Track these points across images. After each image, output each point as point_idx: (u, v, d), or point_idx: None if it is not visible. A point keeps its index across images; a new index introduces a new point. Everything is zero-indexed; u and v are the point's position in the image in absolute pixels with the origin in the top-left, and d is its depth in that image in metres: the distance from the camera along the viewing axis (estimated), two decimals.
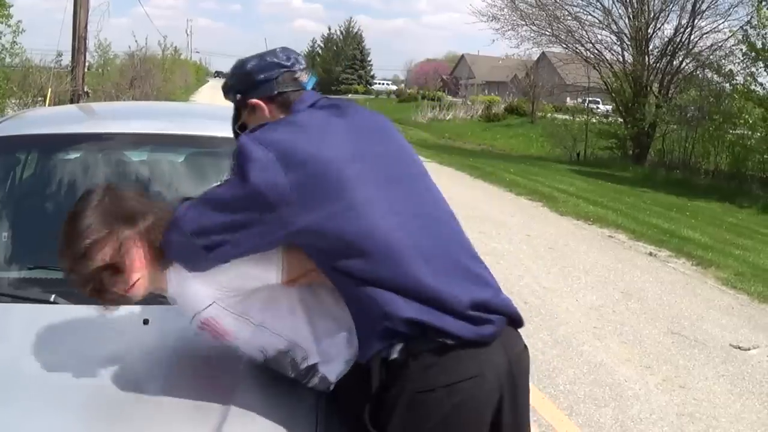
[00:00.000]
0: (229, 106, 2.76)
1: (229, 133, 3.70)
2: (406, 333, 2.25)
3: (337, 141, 2.36)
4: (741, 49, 23.42)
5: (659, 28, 29.89)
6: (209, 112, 5.73)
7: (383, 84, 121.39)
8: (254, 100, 2.58)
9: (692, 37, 28.64)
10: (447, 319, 2.25)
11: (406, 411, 2.26)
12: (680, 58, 29.12)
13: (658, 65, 29.57)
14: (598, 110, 37.77)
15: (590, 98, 38.32)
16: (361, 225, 2.26)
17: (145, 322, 2.80)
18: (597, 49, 31.18)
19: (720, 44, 27.64)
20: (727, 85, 24.15)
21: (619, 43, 30.77)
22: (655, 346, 7.32)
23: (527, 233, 12.70)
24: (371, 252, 2.27)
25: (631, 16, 29.78)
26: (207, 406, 2.37)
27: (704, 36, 28.61)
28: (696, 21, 28.33)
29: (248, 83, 2.61)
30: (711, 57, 27.41)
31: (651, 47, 29.89)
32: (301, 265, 2.41)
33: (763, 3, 21.44)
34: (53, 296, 2.94)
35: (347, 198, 2.26)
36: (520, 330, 2.54)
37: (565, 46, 32.36)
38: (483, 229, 12.60)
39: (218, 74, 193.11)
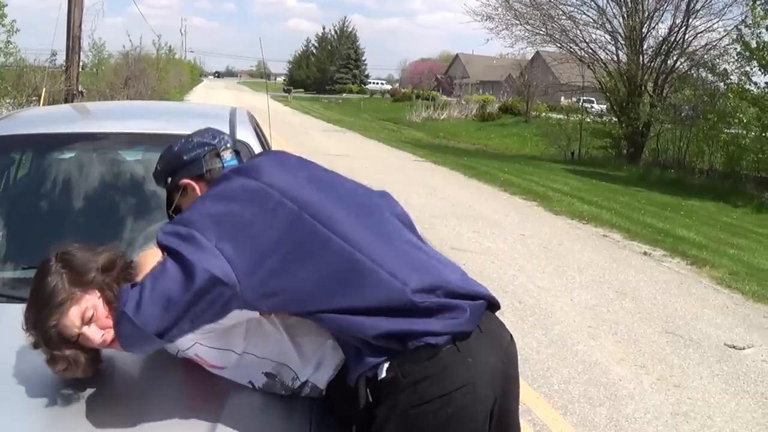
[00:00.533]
0: (223, 106, 2.77)
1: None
2: (386, 349, 2.27)
3: (252, 197, 2.36)
4: (735, 49, 23.42)
5: (653, 28, 29.91)
6: (204, 112, 5.72)
7: (378, 83, 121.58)
8: (185, 180, 2.65)
9: (686, 36, 28.66)
10: (415, 321, 2.27)
11: (400, 426, 2.27)
12: (674, 58, 29.13)
13: (652, 64, 29.57)
14: (593, 109, 37.72)
15: (584, 97, 38.32)
16: (299, 268, 2.28)
17: None
18: (591, 49, 31.18)
19: (714, 43, 27.65)
20: (722, 84, 24.13)
21: (613, 42, 30.80)
22: (649, 346, 7.33)
23: (522, 233, 12.70)
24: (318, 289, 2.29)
25: (625, 16, 29.78)
26: (201, 407, 2.38)
27: (698, 35, 28.63)
28: (690, 20, 28.35)
29: (177, 164, 2.69)
30: (705, 56, 27.41)
31: (645, 46, 29.89)
32: None
33: (758, 2, 21.45)
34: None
35: (281, 245, 2.28)
36: (509, 327, 2.57)
37: (559, 45, 32.34)
38: (477, 228, 12.61)
39: (218, 74, 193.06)
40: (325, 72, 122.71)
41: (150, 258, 2.40)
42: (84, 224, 3.68)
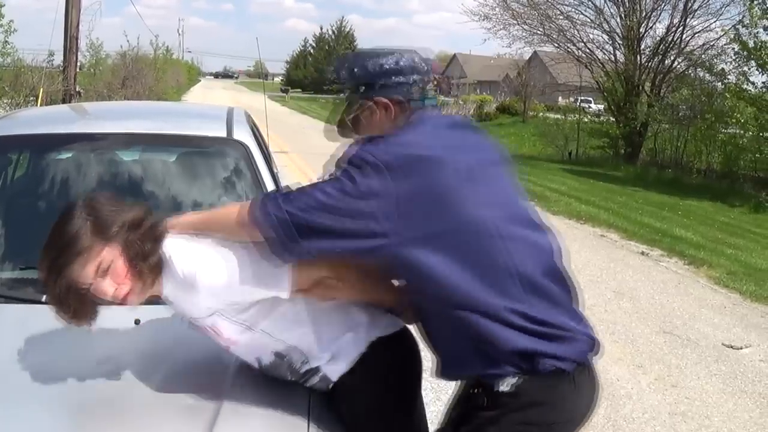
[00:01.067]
0: (220, 106, 2.74)
1: (218, 133, 3.71)
2: (515, 363, 2.28)
3: (450, 163, 2.32)
4: (733, 48, 23.40)
5: (651, 27, 29.86)
6: (201, 112, 5.72)
7: None
8: (383, 100, 2.49)
9: (684, 36, 28.61)
10: (547, 344, 2.30)
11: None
12: (672, 57, 29.10)
13: (650, 64, 29.54)
14: (590, 109, 37.69)
15: (582, 97, 38.32)
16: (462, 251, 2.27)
17: (137, 322, 2.80)
18: (589, 49, 31.11)
19: (712, 43, 27.63)
20: (719, 84, 24.12)
21: (610, 42, 30.75)
22: (647, 346, 7.33)
23: None
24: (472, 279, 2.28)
25: (622, 15, 29.75)
26: (199, 405, 2.38)
27: (696, 35, 28.58)
28: (688, 20, 28.31)
29: (380, 79, 2.50)
30: (703, 56, 27.39)
31: (643, 46, 29.85)
32: (311, 278, 2.41)
33: (755, 2, 21.44)
34: (45, 296, 2.94)
35: (452, 221, 2.26)
36: None
37: (556, 45, 32.29)
38: None
39: (218, 75, 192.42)
40: (323, 72, 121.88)
41: (230, 211, 2.39)
42: None
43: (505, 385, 2.29)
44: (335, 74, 2.59)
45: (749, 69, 22.32)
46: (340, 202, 2.20)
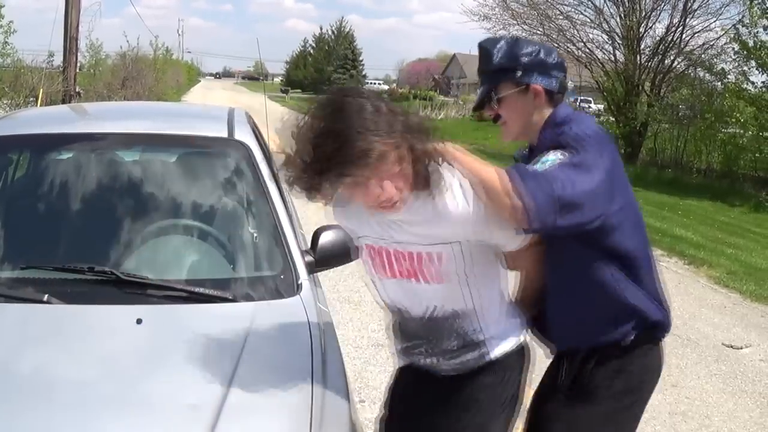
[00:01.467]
0: (221, 107, 2.74)
1: (219, 133, 3.70)
2: (643, 329, 2.78)
3: (618, 165, 2.64)
4: (733, 48, 23.38)
5: (651, 27, 29.80)
6: (202, 112, 5.72)
7: (375, 83, 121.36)
8: (538, 87, 2.65)
9: (684, 35, 28.56)
10: (667, 322, 2.91)
11: (628, 378, 2.82)
12: (672, 57, 29.05)
13: (649, 64, 29.49)
14: (590, 109, 37.70)
15: (582, 97, 38.33)
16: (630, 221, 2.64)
17: (139, 321, 2.80)
18: (588, 48, 31.07)
19: (712, 43, 27.58)
20: (719, 83, 24.12)
21: (610, 42, 30.70)
22: None
23: None
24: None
25: (622, 15, 29.70)
26: (201, 405, 2.37)
27: (696, 35, 28.52)
28: (687, 20, 28.25)
29: (539, 70, 2.66)
30: (703, 56, 27.36)
31: (642, 46, 29.78)
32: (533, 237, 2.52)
33: (755, 2, 21.42)
34: (46, 296, 2.94)
35: (628, 198, 2.64)
36: None
37: (556, 45, 32.15)
38: None
39: (218, 75, 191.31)
40: (323, 72, 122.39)
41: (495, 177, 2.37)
42: (82, 224, 3.68)
43: (629, 340, 2.74)
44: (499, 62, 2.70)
45: (749, 69, 22.33)
46: (584, 179, 2.38)
